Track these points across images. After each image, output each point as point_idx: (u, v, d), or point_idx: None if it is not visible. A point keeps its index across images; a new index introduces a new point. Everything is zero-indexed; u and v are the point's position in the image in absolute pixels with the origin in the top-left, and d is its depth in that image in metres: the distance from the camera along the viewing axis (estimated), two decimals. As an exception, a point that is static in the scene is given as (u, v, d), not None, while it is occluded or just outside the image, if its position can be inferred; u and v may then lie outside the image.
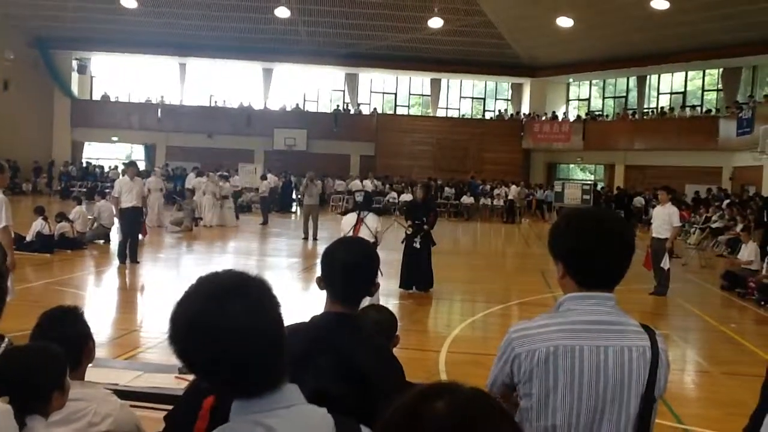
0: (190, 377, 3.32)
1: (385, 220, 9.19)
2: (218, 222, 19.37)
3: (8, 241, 6.27)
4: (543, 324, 1.83)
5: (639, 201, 25.86)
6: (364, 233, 7.73)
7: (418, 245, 10.06)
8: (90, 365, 2.63)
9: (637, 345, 1.80)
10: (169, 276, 11.62)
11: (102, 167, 31.10)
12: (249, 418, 1.30)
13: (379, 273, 2.19)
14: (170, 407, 2.14)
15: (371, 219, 8.09)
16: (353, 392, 1.86)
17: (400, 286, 10.08)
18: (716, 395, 6.25)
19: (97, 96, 32.90)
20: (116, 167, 30.86)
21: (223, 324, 1.27)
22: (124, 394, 2.74)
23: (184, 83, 32.88)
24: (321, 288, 2.14)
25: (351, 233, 7.82)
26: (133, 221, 11.86)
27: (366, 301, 2.37)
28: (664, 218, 10.70)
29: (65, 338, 2.37)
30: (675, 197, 24.71)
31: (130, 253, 11.76)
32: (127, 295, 9.97)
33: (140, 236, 12.58)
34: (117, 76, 33.32)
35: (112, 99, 32.25)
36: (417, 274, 10.09)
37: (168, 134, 31.28)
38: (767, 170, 21.44)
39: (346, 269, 2.09)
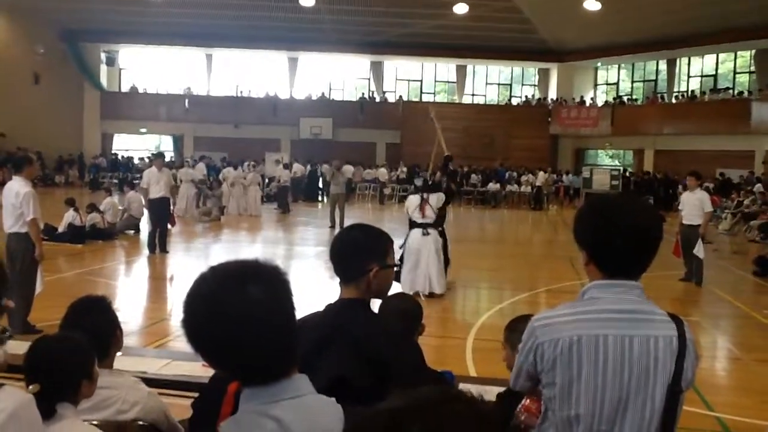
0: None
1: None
2: (245, 211, 19.62)
3: (36, 233, 6.35)
4: (566, 313, 1.82)
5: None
6: (428, 212, 8.84)
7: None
8: (119, 354, 2.67)
9: (664, 334, 1.77)
10: (198, 265, 11.72)
11: (131, 158, 31.46)
12: (257, 408, 1.31)
13: (384, 258, 2.16)
14: (196, 395, 2.17)
15: (434, 198, 8.98)
16: (370, 378, 1.86)
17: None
18: (748, 383, 6.15)
19: (125, 88, 33.31)
20: (144, 158, 31.32)
21: (238, 308, 1.27)
22: (152, 382, 2.78)
23: (210, 74, 33.10)
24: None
25: (418, 212, 8.91)
26: (162, 211, 12.00)
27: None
28: (694, 204, 10.39)
29: (93, 327, 2.40)
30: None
31: (159, 243, 11.94)
32: (157, 285, 10.10)
33: (169, 226, 12.73)
34: (145, 68, 33.68)
35: (140, 91, 32.61)
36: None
37: (195, 125, 31.55)
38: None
39: (338, 251, 2.16)
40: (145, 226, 14.17)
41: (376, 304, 2.41)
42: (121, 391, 2.43)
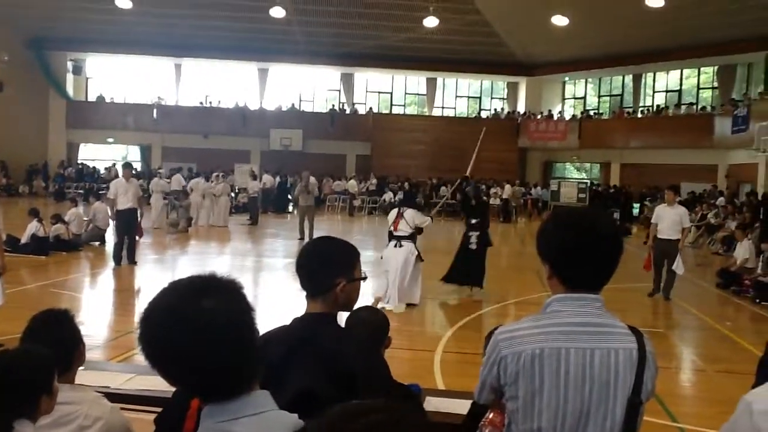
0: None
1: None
2: (212, 222, 19.52)
3: None
4: (529, 326, 1.83)
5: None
6: (402, 226, 9.25)
7: (474, 246, 10.34)
8: (82, 368, 2.63)
9: (624, 347, 1.79)
10: (164, 277, 11.57)
11: (96, 169, 31.03)
12: (217, 426, 1.29)
13: (351, 272, 2.17)
14: (160, 410, 2.14)
15: (409, 213, 9.39)
16: (337, 391, 1.86)
17: (444, 280, 10.28)
18: (711, 393, 6.25)
19: (92, 97, 32.83)
20: (112, 167, 30.93)
21: (194, 321, 1.26)
22: (115, 397, 2.74)
23: (179, 84, 32.85)
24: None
25: (392, 225, 9.39)
26: (130, 222, 11.88)
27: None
28: (674, 219, 10.31)
29: (55, 341, 2.36)
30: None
31: (127, 254, 11.86)
32: (122, 297, 9.95)
33: (137, 237, 12.58)
34: (112, 77, 33.25)
35: (108, 100, 32.19)
36: (470, 270, 10.24)
37: (163, 135, 31.26)
38: (762, 168, 21.48)
39: (304, 265, 2.15)
40: (111, 237, 13.98)
41: (343, 316, 2.42)
42: (83, 406, 2.39)
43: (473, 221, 10.64)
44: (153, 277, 11.36)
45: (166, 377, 1.33)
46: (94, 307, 9.07)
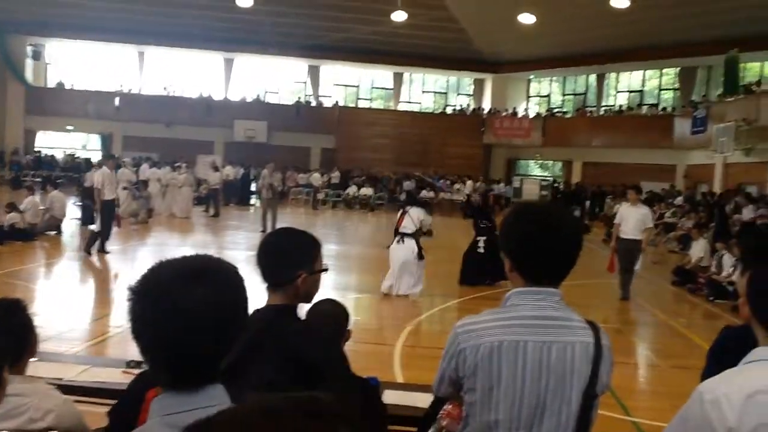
0: (138, 372, 3.28)
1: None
2: (175, 213, 19.26)
3: None
4: (488, 319, 1.84)
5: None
6: (407, 223, 9.55)
7: (482, 250, 10.82)
8: (35, 359, 2.57)
9: (580, 341, 1.82)
10: (124, 268, 11.42)
11: (55, 157, 30.36)
12: (167, 420, 1.27)
13: (312, 264, 2.17)
14: (115, 402, 2.11)
15: (414, 211, 9.69)
16: (299, 383, 1.85)
17: (460, 282, 10.76)
18: (665, 388, 6.38)
19: (52, 83, 32.07)
20: (73, 155, 30.32)
21: (183, 308, 1.25)
22: (68, 389, 2.69)
23: (142, 72, 32.31)
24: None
25: (397, 223, 9.73)
26: (112, 213, 12.27)
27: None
28: (637, 218, 10.37)
29: (5, 331, 2.29)
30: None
31: (100, 245, 11.96)
32: (79, 288, 9.76)
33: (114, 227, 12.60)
34: (73, 63, 32.56)
35: (68, 87, 31.48)
36: (485, 269, 10.63)
37: (125, 124, 30.64)
38: (719, 169, 21.98)
39: (265, 257, 2.13)
40: (67, 227, 13.74)
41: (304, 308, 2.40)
42: (34, 398, 2.33)
43: (482, 226, 10.86)
44: (109, 268, 11.17)
45: (142, 353, 1.31)
46: (49, 298, 8.87)
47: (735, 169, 21.20)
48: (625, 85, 30.79)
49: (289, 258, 2.13)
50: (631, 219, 10.41)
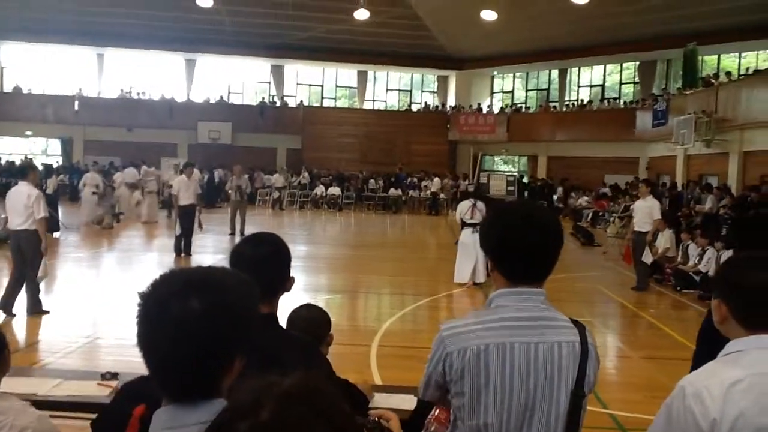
0: (114, 383, 3.21)
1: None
2: (143, 218, 19.00)
3: (44, 229, 7.89)
4: (473, 321, 1.83)
5: (559, 192, 26.72)
6: (477, 214, 10.26)
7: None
8: (4, 376, 2.49)
9: (567, 340, 1.82)
10: (89, 275, 11.21)
11: (14, 163, 29.62)
12: None
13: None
14: (93, 415, 2.05)
15: (481, 204, 10.47)
16: None
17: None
18: (637, 379, 6.48)
19: (8, 88, 31.29)
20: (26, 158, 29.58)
21: (180, 321, 1.24)
22: (42, 405, 2.61)
23: (102, 74, 31.75)
24: None
25: (469, 214, 10.48)
26: (192, 218, 13.19)
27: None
28: (645, 211, 10.73)
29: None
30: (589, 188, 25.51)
31: (184, 247, 13.06)
32: (46, 298, 9.53)
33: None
34: (30, 67, 31.82)
35: (25, 91, 30.75)
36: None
37: (85, 128, 30.10)
38: (680, 160, 22.38)
39: (254, 264, 2.05)
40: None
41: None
42: (8, 416, 2.26)
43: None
44: (73, 275, 10.94)
45: (146, 365, 1.31)
46: (14, 309, 8.64)
47: (696, 160, 21.60)
48: (586, 80, 31.19)
49: (280, 267, 2.16)
50: (640, 212, 10.89)
